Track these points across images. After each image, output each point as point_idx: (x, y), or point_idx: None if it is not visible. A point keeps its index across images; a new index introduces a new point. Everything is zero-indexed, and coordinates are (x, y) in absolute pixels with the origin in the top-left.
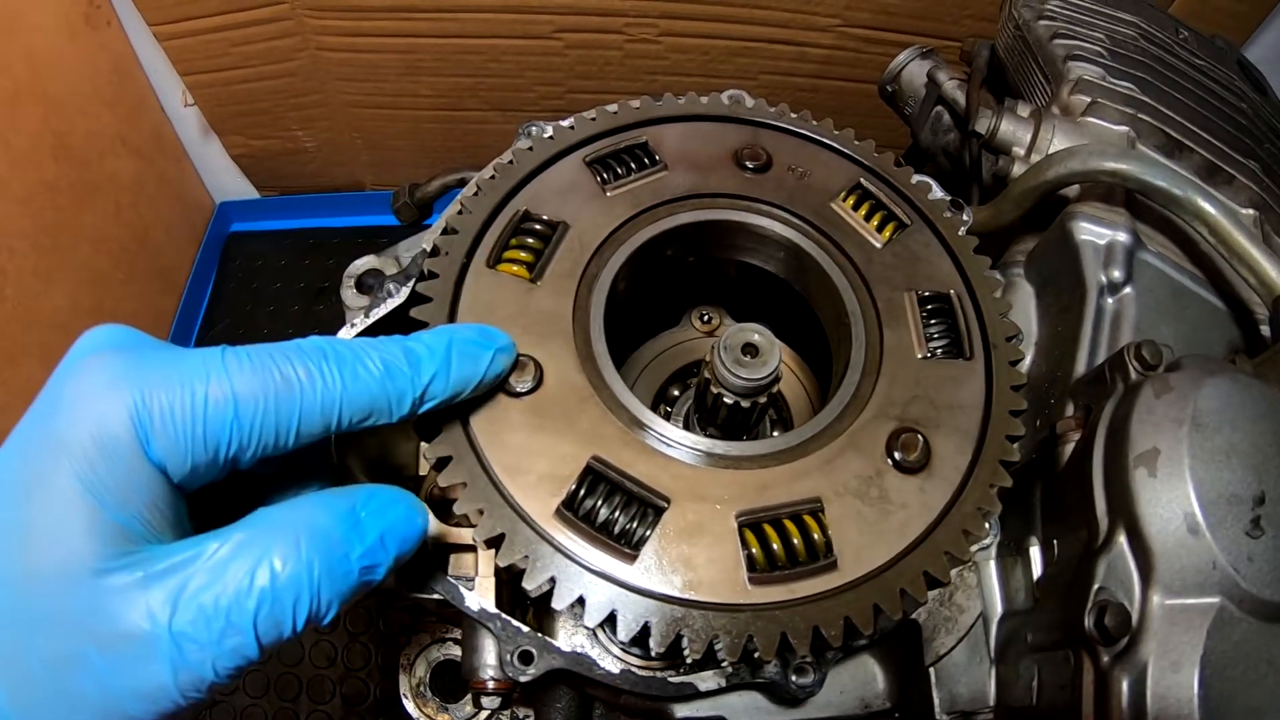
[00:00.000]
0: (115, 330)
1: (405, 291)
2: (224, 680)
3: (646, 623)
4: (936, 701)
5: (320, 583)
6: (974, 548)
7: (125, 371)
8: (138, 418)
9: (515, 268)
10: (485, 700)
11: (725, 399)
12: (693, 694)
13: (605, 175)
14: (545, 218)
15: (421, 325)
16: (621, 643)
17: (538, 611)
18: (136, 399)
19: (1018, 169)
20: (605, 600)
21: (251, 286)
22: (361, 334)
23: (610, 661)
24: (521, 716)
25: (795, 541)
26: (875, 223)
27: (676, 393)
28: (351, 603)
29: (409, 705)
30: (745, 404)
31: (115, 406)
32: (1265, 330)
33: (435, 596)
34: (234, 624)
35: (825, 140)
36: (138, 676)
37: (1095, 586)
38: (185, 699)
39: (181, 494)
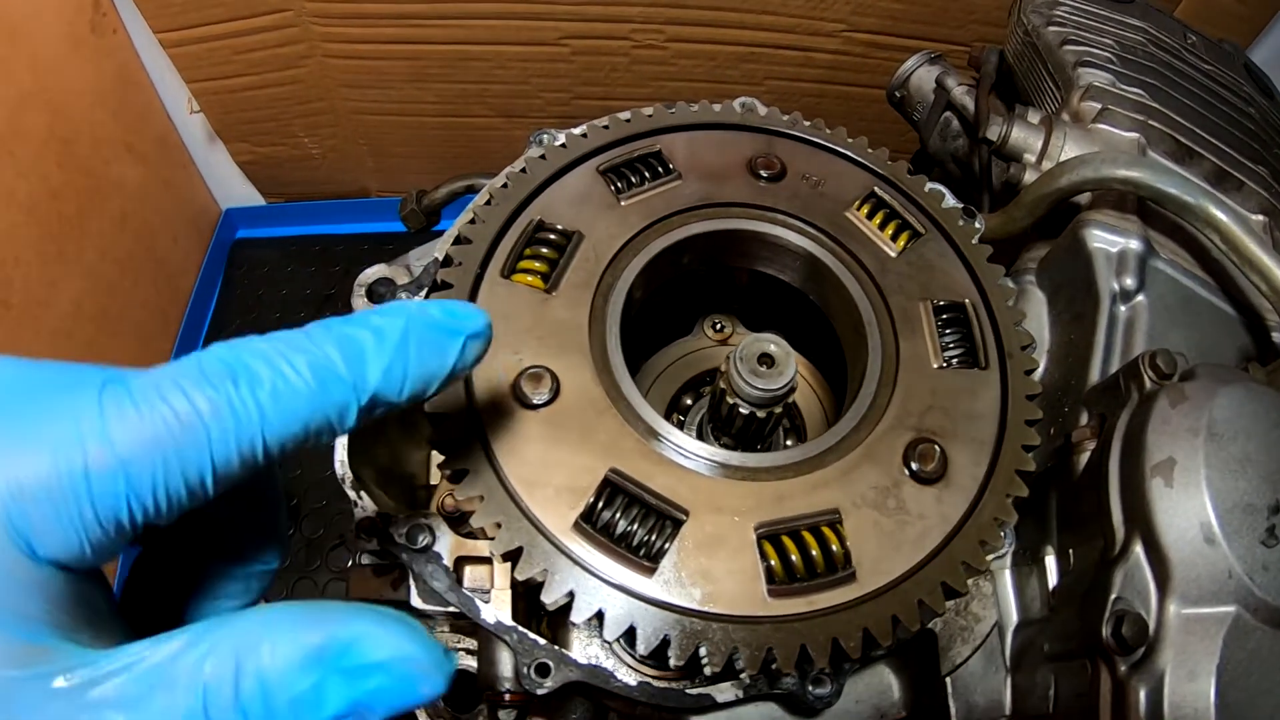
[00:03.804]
0: None
1: None
2: None
3: (666, 636)
4: (953, 711)
5: None
6: (990, 557)
7: None
8: (11, 521)
9: (530, 278)
10: (501, 713)
11: (741, 409)
12: (710, 705)
13: (619, 184)
14: (560, 227)
15: None
16: (639, 655)
17: (552, 623)
18: (4, 497)
19: (1029, 176)
20: (624, 613)
21: (258, 293)
22: None
23: (627, 673)
24: None
25: (814, 553)
26: (890, 232)
27: (689, 402)
28: None
29: (422, 716)
30: (761, 414)
31: None
32: (1277, 337)
33: (450, 609)
34: None
35: (839, 149)
36: None
37: (1112, 596)
38: None
39: (92, 576)
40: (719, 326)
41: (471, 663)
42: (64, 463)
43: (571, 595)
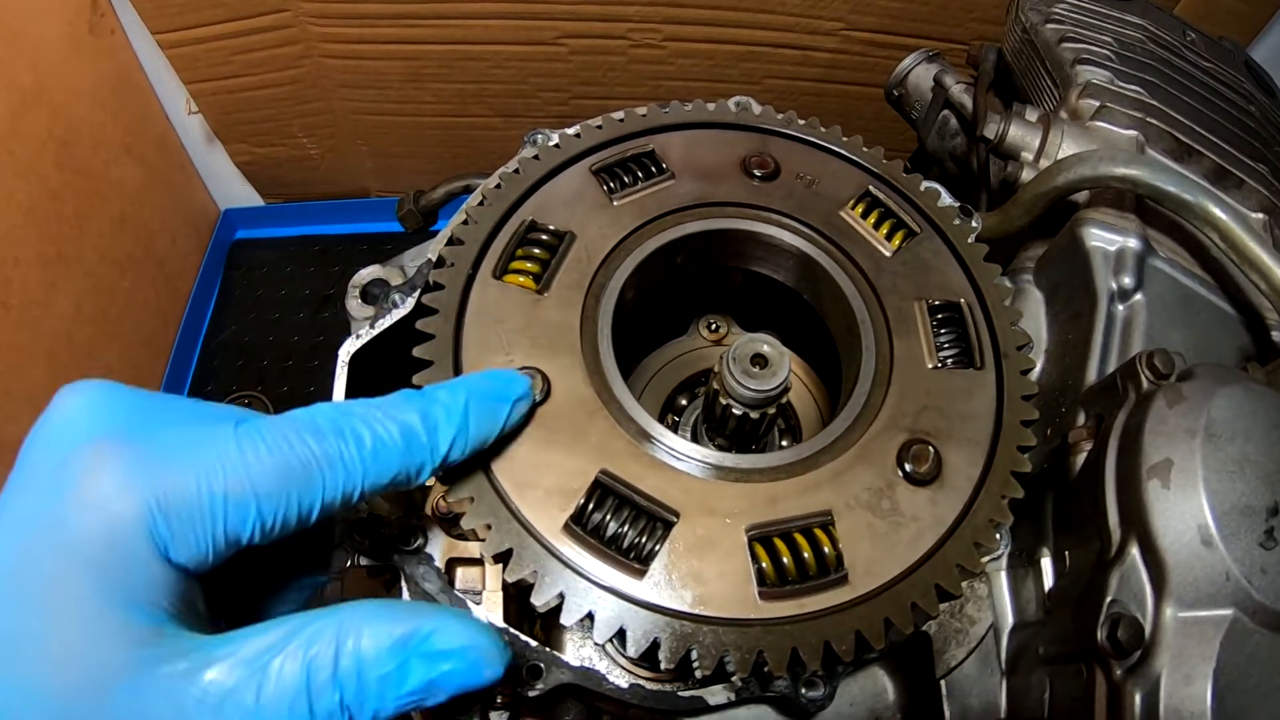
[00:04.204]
0: (106, 396)
1: (411, 302)
2: None
3: (656, 638)
4: (948, 714)
5: (353, 705)
6: (985, 559)
7: (134, 470)
8: (155, 528)
9: (522, 278)
10: (493, 714)
11: (734, 410)
12: (702, 708)
13: (612, 184)
14: (552, 227)
15: (427, 337)
16: (630, 657)
17: (545, 625)
18: (152, 506)
19: (1026, 174)
20: (614, 616)
21: (257, 294)
22: (366, 345)
23: (619, 676)
24: None
25: (806, 555)
26: (885, 231)
27: (684, 402)
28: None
29: (416, 718)
30: (754, 415)
31: (129, 515)
32: (1277, 336)
33: None
34: None
35: (834, 148)
36: None
37: (1108, 599)
38: None
39: (199, 577)
40: (714, 327)
41: None
42: (207, 487)
43: (561, 597)
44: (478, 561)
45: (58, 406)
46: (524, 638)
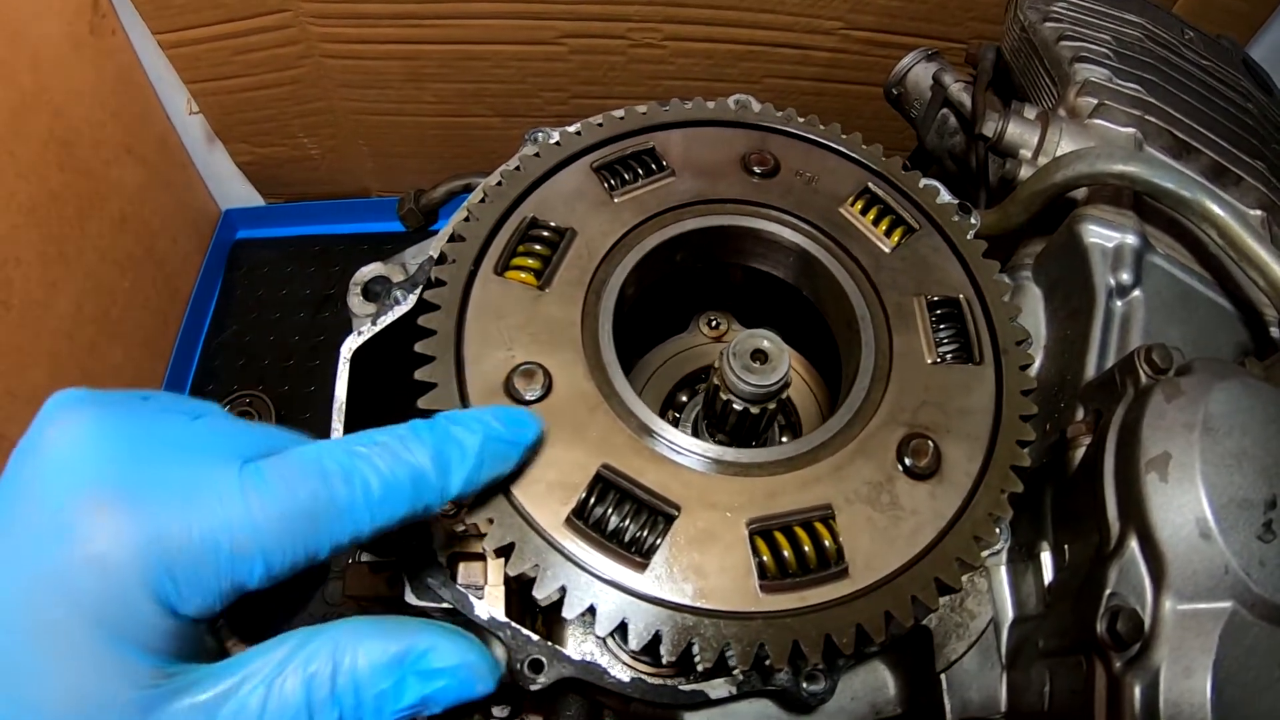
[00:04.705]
0: (101, 429)
1: (412, 299)
2: None
3: (658, 631)
4: (948, 708)
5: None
6: (985, 553)
7: (136, 527)
8: (159, 586)
9: (523, 275)
10: (495, 709)
11: (734, 405)
12: (703, 702)
13: (613, 181)
14: (553, 224)
15: (429, 333)
16: (632, 651)
17: (547, 619)
18: (156, 566)
19: (1025, 172)
20: (616, 609)
21: (258, 294)
22: (368, 342)
23: (620, 669)
24: None
25: (806, 549)
26: (884, 227)
27: (685, 399)
28: None
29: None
30: (754, 410)
31: (132, 574)
32: (1275, 332)
33: (444, 605)
34: None
35: (833, 145)
36: None
37: (1107, 592)
38: None
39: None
40: (714, 323)
41: None
42: (212, 544)
43: (563, 591)
44: (479, 556)
45: (50, 440)
46: (525, 632)
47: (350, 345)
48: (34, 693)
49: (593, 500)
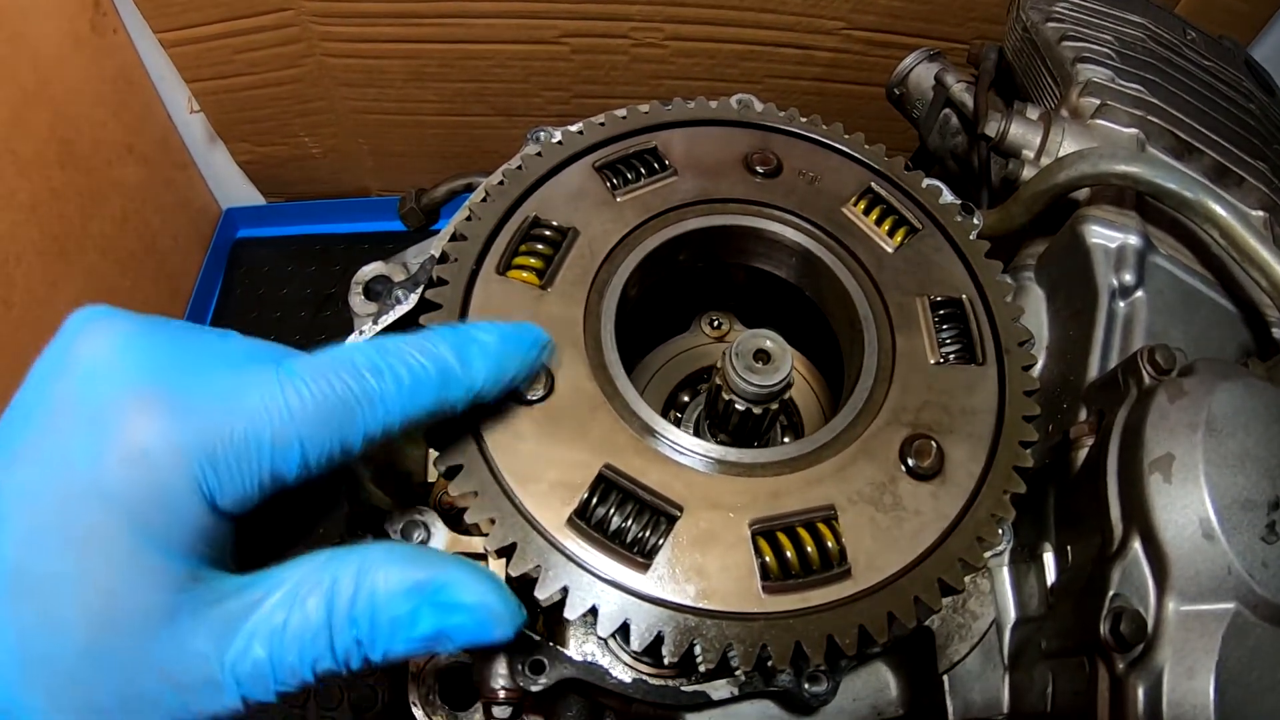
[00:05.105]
0: (140, 335)
1: (414, 298)
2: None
3: (660, 632)
4: (950, 709)
5: (366, 641)
6: (988, 554)
7: (181, 423)
8: (203, 480)
9: (525, 274)
10: (496, 710)
11: (737, 405)
12: (705, 702)
13: (615, 181)
14: (555, 224)
15: None
16: (634, 651)
17: (548, 620)
18: (201, 459)
19: (1027, 172)
20: (618, 610)
21: (258, 293)
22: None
23: (622, 670)
24: None
25: (809, 550)
26: (886, 227)
27: (687, 399)
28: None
29: (418, 713)
30: (757, 410)
31: (177, 470)
32: (1277, 333)
33: None
34: (299, 661)
35: (835, 145)
36: (210, 709)
37: (1110, 593)
38: (248, 716)
39: (235, 520)
40: (716, 323)
41: (467, 660)
42: (254, 434)
43: (565, 591)
44: (481, 556)
45: (85, 342)
46: (527, 632)
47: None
48: (63, 602)
49: (595, 500)
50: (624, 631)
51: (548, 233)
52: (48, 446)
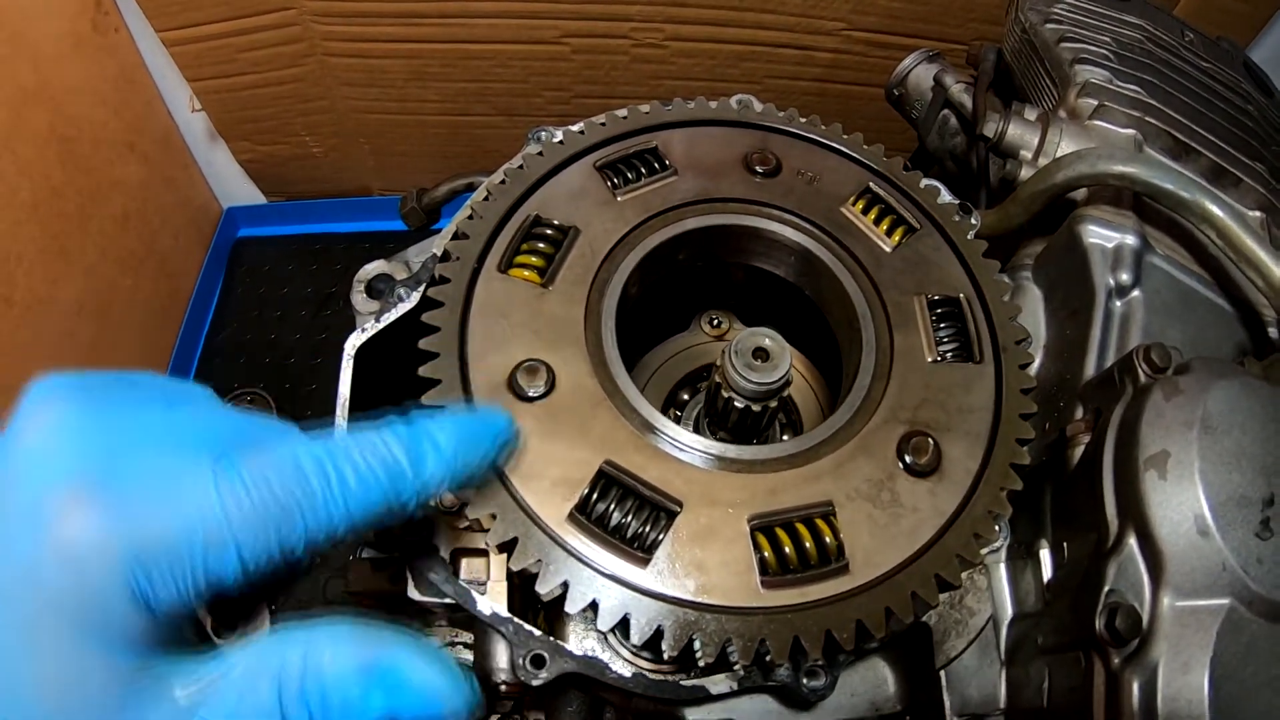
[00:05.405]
0: (76, 416)
1: (416, 296)
2: None
3: (659, 626)
4: (947, 704)
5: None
6: (984, 551)
7: (110, 522)
8: (135, 583)
9: (527, 273)
10: (497, 704)
11: (736, 403)
12: (704, 697)
13: (616, 180)
14: (556, 223)
15: (433, 330)
16: (633, 646)
17: (549, 614)
18: (131, 563)
19: (1025, 172)
20: (618, 604)
21: (259, 292)
22: (372, 339)
23: (622, 665)
24: None
25: (807, 545)
26: (885, 227)
27: (686, 397)
28: None
29: None
30: (756, 408)
31: (107, 571)
32: (1273, 332)
33: (447, 600)
34: None
35: (834, 145)
36: None
37: (1106, 589)
38: None
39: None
40: (716, 322)
41: (468, 655)
42: (186, 539)
43: (566, 586)
44: (483, 552)
45: (26, 431)
46: (528, 627)
47: (354, 341)
48: (18, 687)
49: (595, 496)
50: (624, 626)
51: (549, 231)
52: None
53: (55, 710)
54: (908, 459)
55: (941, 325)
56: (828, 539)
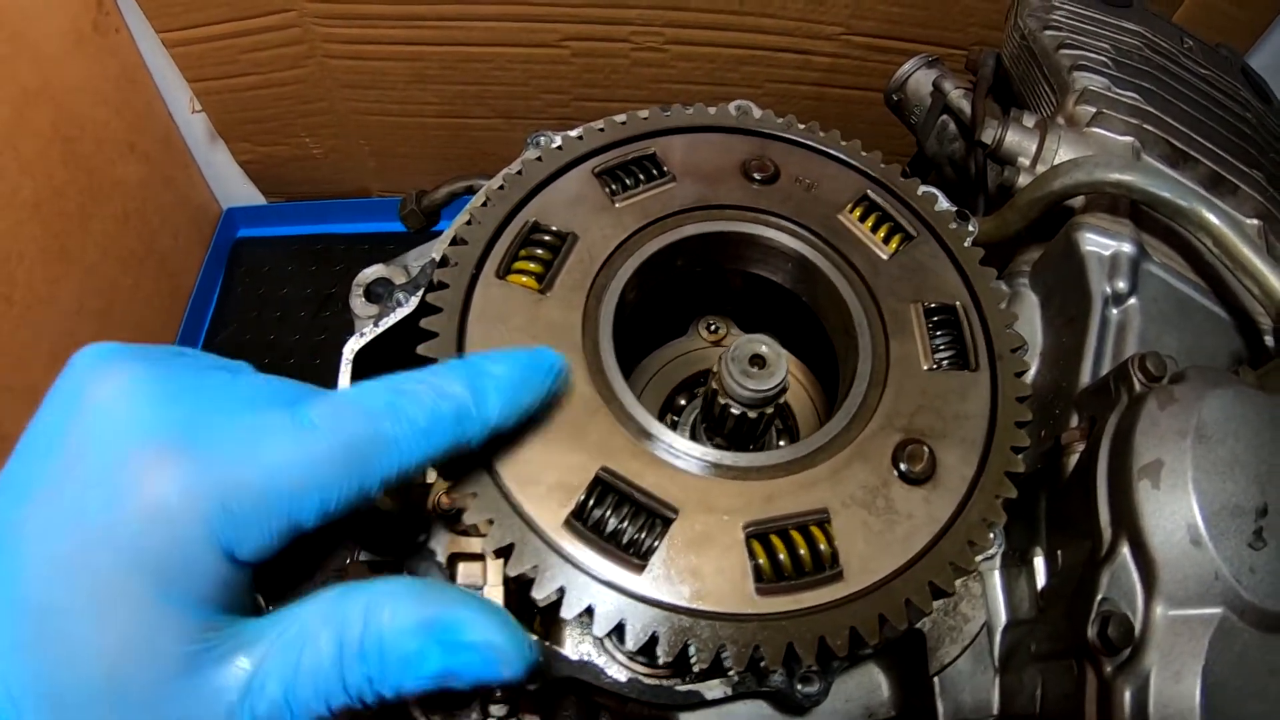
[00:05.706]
0: (148, 384)
1: (414, 301)
2: None
3: (654, 632)
4: (941, 711)
5: (378, 679)
6: (979, 558)
7: (198, 478)
8: (221, 533)
9: (525, 279)
10: (492, 708)
11: (732, 410)
12: (699, 702)
13: (614, 186)
14: (554, 229)
15: (431, 335)
16: (629, 651)
17: (545, 620)
18: (219, 513)
19: (1023, 179)
20: (613, 610)
21: (258, 292)
22: (370, 343)
23: (617, 670)
24: None
25: (802, 552)
26: (882, 234)
27: (683, 402)
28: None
29: (415, 712)
30: (752, 415)
31: (196, 525)
32: (1269, 341)
33: None
34: (313, 698)
35: (832, 152)
36: None
37: (1099, 597)
38: None
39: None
40: (713, 328)
41: None
42: (271, 485)
43: (561, 591)
44: (479, 557)
45: (97, 386)
46: (524, 632)
47: (353, 346)
48: (83, 645)
49: (592, 502)
50: (619, 631)
51: (547, 237)
52: (66, 494)
53: (112, 674)
54: (903, 466)
55: (938, 333)
56: (822, 546)
